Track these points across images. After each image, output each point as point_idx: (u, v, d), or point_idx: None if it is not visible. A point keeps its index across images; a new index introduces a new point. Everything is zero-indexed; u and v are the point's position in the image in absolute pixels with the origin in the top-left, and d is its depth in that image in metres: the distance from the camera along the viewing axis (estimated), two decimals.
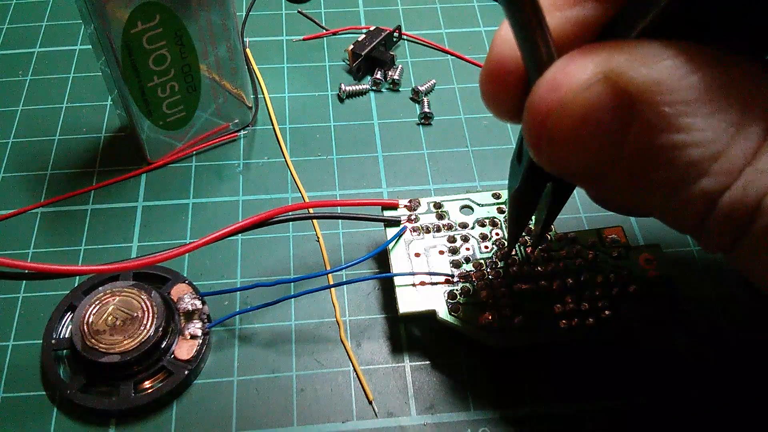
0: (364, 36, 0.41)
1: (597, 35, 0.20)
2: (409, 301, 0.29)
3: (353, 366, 0.30)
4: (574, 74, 0.18)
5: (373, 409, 0.29)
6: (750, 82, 0.18)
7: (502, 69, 0.21)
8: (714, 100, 0.17)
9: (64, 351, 0.29)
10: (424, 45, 0.43)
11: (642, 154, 0.18)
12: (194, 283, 0.31)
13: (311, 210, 0.33)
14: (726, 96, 0.17)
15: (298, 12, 0.45)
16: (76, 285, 0.31)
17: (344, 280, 0.31)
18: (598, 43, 0.19)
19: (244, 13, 0.42)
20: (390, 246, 0.31)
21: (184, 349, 0.29)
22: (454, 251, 0.30)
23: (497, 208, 0.32)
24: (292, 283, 0.32)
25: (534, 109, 0.19)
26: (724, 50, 0.18)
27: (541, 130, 0.19)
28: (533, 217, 0.27)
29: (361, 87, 0.40)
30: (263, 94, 0.40)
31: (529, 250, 0.30)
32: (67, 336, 0.29)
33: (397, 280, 0.29)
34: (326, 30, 0.44)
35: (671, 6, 0.18)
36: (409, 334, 0.31)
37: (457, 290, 0.29)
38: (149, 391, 0.28)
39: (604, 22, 0.20)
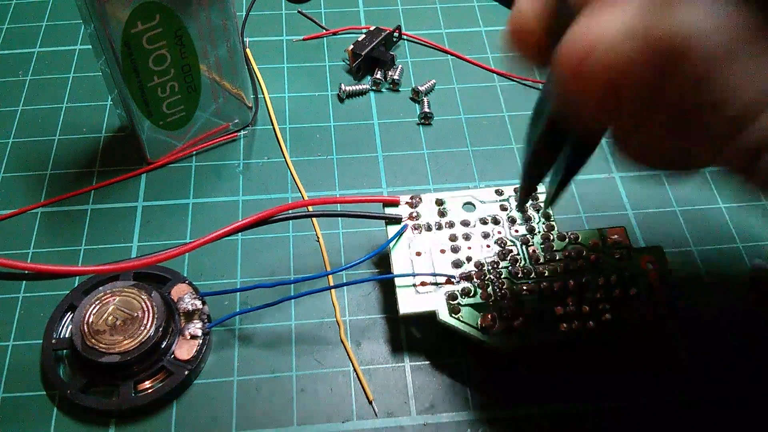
0: (364, 36, 0.41)
1: None
2: (410, 302, 0.29)
3: (353, 366, 0.30)
4: (610, 21, 0.17)
5: (373, 409, 0.29)
6: None
7: (526, 25, 0.20)
8: (759, 41, 0.16)
9: (64, 351, 0.29)
10: (424, 45, 0.43)
11: (684, 106, 0.17)
12: (194, 283, 0.31)
13: (311, 208, 0.33)
14: None
15: (298, 12, 0.45)
16: (76, 285, 0.31)
17: (344, 281, 0.31)
18: None
19: (244, 13, 0.42)
20: (391, 245, 0.30)
21: (184, 349, 0.29)
22: (455, 250, 0.30)
23: (499, 206, 0.32)
24: (293, 284, 0.32)
25: (565, 60, 0.18)
26: None
27: (573, 82, 0.18)
28: (547, 180, 0.26)
29: (361, 87, 0.40)
30: (263, 94, 0.40)
31: (532, 250, 0.30)
32: (67, 336, 0.29)
33: (397, 281, 0.29)
34: (326, 30, 0.43)
35: None
36: (409, 334, 0.31)
37: (457, 291, 0.29)
38: (149, 391, 0.28)
39: None
